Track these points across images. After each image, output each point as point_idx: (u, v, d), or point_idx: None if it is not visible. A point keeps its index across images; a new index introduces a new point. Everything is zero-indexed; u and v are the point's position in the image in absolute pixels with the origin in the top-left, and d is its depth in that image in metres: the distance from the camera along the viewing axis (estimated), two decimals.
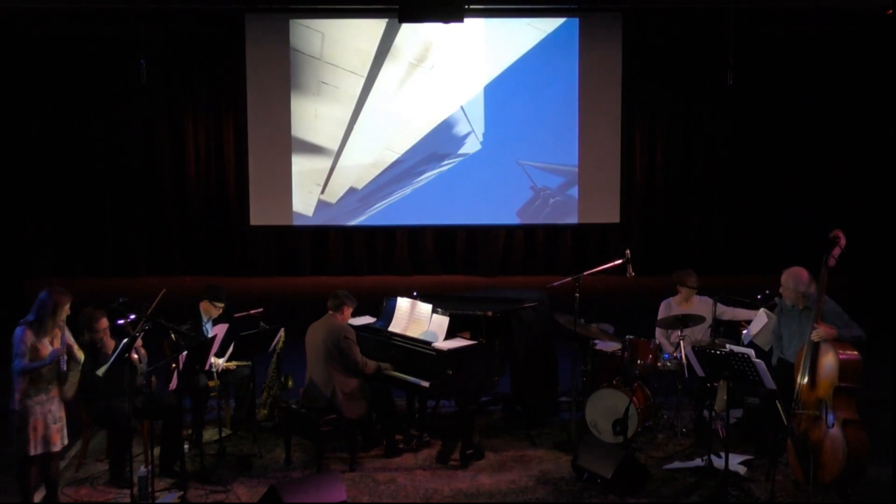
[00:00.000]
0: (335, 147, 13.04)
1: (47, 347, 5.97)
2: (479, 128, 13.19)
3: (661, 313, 7.88)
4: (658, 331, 7.85)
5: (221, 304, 7.54)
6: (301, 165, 13.03)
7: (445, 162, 13.19)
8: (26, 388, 5.95)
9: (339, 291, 7.15)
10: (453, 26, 11.80)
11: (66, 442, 6.23)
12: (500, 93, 13.14)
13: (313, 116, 12.99)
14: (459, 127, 13.17)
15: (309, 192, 13.09)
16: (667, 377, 7.75)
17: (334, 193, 13.13)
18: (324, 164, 13.07)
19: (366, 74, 13.00)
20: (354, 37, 12.93)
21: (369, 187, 13.16)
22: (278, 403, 7.56)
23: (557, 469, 6.96)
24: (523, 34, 13.05)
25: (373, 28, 12.92)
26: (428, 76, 13.06)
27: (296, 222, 13.23)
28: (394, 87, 13.04)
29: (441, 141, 13.17)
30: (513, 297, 8.02)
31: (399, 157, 13.14)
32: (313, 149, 13.03)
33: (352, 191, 13.14)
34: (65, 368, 5.97)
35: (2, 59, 12.77)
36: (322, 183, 13.05)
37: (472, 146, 13.21)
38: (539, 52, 13.09)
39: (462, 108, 13.14)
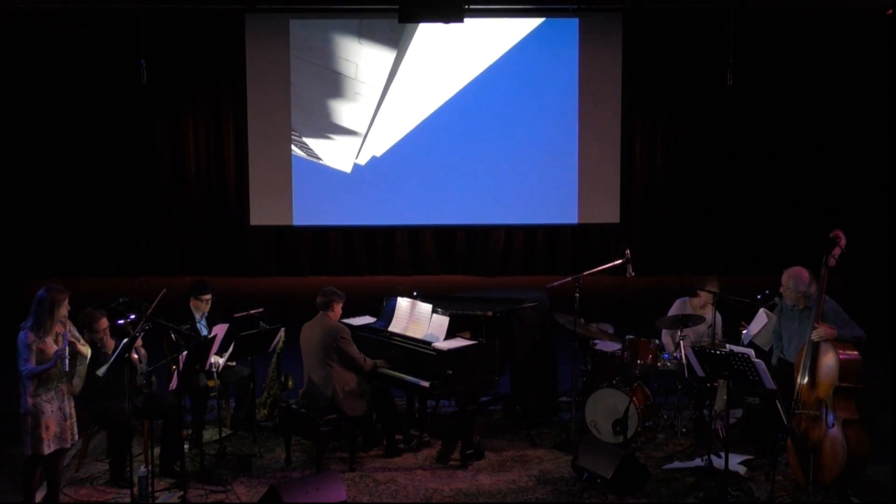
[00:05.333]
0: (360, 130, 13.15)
1: (51, 346, 5.99)
2: (479, 127, 13.18)
3: (674, 311, 7.82)
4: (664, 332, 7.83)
5: (208, 296, 7.54)
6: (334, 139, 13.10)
7: (444, 161, 13.20)
8: (35, 389, 5.98)
9: (327, 289, 7.15)
10: (453, 25, 11.80)
11: (76, 438, 6.30)
12: (500, 93, 13.13)
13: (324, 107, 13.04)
14: (459, 126, 13.17)
15: (345, 157, 13.14)
16: (667, 377, 7.74)
17: (364, 159, 13.24)
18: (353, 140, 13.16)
19: (366, 71, 13.01)
20: (355, 36, 12.93)
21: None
22: (278, 403, 7.56)
23: (557, 469, 6.96)
24: (523, 34, 13.04)
25: (373, 27, 12.92)
26: (426, 75, 13.06)
27: (332, 179, 13.17)
28: (394, 86, 13.03)
29: (440, 140, 13.17)
30: (513, 297, 8.01)
31: (400, 154, 13.16)
32: (342, 130, 13.10)
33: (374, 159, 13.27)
34: (66, 368, 6.00)
35: (2, 59, 12.76)
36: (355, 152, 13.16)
37: (471, 146, 13.20)
38: (539, 51, 13.09)
39: (462, 107, 13.13)
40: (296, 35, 12.90)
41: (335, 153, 13.14)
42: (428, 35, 12.90)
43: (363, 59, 12.86)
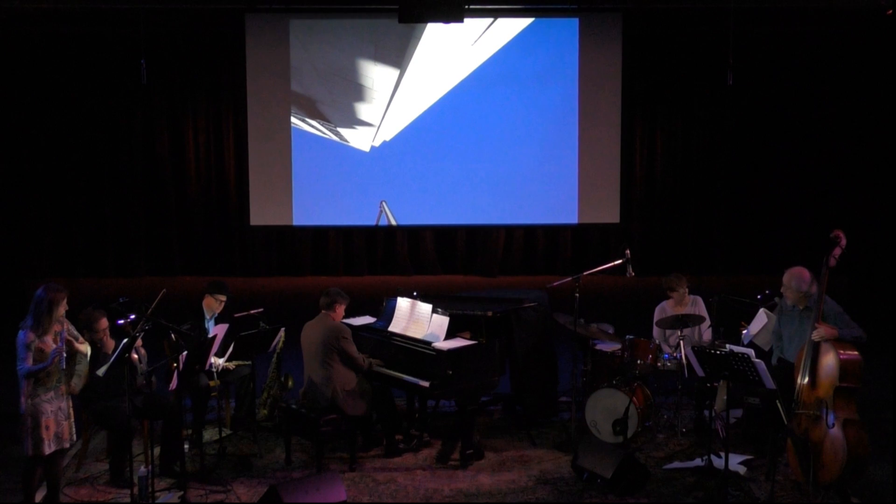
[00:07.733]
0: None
1: (50, 346, 5.99)
2: (479, 128, 13.18)
3: (657, 318, 7.88)
4: (656, 332, 7.85)
5: (224, 298, 7.56)
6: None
7: (445, 160, 13.20)
8: (33, 390, 5.98)
9: (331, 290, 7.16)
10: (452, 25, 11.80)
11: (75, 438, 6.30)
12: (500, 93, 13.13)
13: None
14: (459, 126, 13.17)
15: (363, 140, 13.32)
16: (667, 377, 7.75)
17: (378, 142, 13.34)
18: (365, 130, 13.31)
19: (379, 81, 13.04)
20: (354, 35, 12.95)
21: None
22: (278, 403, 7.56)
23: (557, 469, 6.96)
24: (523, 34, 13.05)
25: (370, 26, 12.92)
26: (430, 76, 13.06)
27: (332, 178, 13.28)
28: (390, 86, 13.04)
29: (441, 140, 13.18)
30: (513, 297, 8.02)
31: (403, 148, 13.20)
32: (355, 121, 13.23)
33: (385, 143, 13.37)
34: (63, 366, 6.00)
35: (1, 59, 12.76)
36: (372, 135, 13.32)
37: (471, 146, 13.20)
38: (539, 51, 13.09)
39: (461, 107, 13.14)
40: (321, 50, 13.01)
41: (356, 137, 13.25)
42: (430, 37, 12.90)
43: (377, 73, 13.01)
